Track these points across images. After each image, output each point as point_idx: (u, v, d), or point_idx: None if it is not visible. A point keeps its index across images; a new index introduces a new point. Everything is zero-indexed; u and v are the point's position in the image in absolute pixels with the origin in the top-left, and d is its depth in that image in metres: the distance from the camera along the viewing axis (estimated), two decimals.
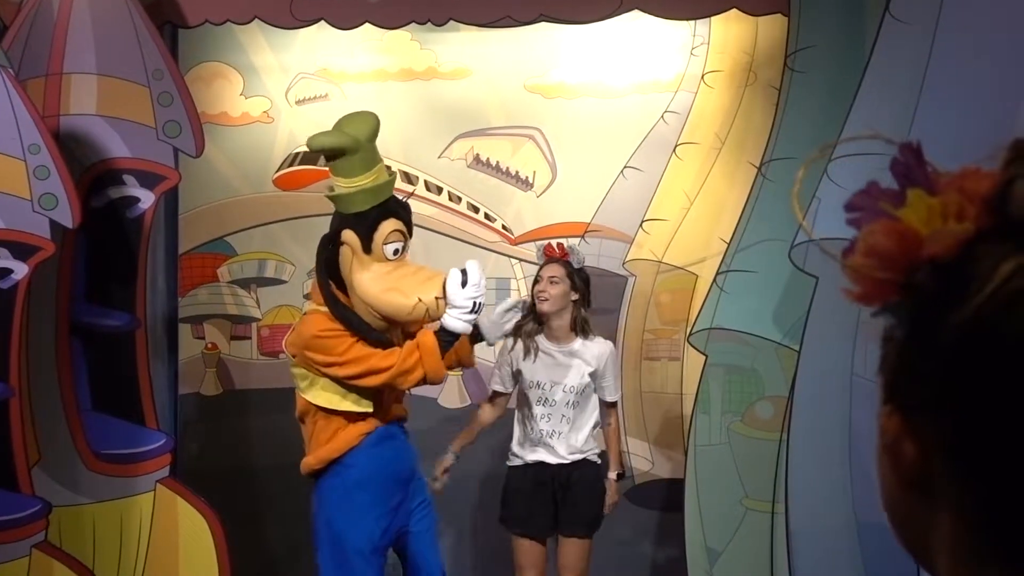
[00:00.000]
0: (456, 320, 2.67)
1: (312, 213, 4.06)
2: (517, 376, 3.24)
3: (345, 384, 2.70)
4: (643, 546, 3.91)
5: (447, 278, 2.65)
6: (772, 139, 3.37)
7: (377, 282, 2.64)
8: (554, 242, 3.27)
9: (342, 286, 2.70)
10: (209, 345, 4.09)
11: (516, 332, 3.15)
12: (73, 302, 3.46)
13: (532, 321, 3.18)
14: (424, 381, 2.71)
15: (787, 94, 3.36)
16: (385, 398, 2.78)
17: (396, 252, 2.67)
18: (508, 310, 2.93)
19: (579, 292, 3.16)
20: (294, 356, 2.76)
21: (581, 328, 3.19)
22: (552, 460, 3.19)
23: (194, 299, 4.08)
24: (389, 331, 2.72)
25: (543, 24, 3.58)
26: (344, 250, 2.67)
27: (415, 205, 4.05)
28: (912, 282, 0.53)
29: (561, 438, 3.18)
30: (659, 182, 3.88)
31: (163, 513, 3.50)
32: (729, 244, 3.44)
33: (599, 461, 3.26)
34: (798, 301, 3.21)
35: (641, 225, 3.89)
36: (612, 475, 3.26)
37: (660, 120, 3.89)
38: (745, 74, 3.78)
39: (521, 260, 4.01)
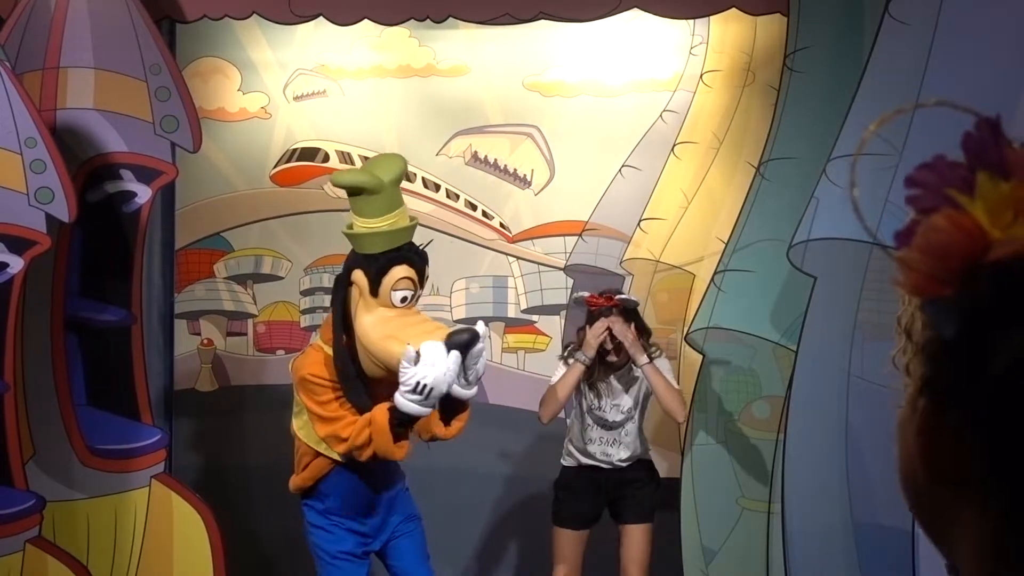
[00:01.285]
0: (404, 400, 2.45)
1: (309, 209, 4.05)
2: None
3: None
4: None
5: (405, 351, 2.43)
6: (770, 139, 3.37)
7: (377, 327, 2.55)
8: (596, 292, 3.24)
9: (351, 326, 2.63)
10: (205, 341, 4.08)
11: (588, 380, 3.23)
12: (68, 297, 3.45)
13: (598, 373, 3.25)
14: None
15: (786, 94, 3.35)
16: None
17: (404, 300, 2.59)
18: (475, 354, 2.53)
19: (641, 332, 3.23)
20: (296, 385, 2.74)
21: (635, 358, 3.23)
22: (606, 466, 3.29)
23: (190, 295, 4.07)
24: (381, 387, 2.59)
25: (542, 22, 3.58)
26: (353, 290, 2.61)
27: (413, 202, 4.06)
28: (969, 283, 0.50)
29: (617, 449, 3.28)
30: (657, 181, 3.87)
31: (158, 508, 3.49)
32: (727, 244, 3.43)
33: (649, 457, 3.38)
34: (796, 301, 3.21)
35: (639, 224, 3.89)
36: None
37: (658, 119, 3.89)
38: (744, 74, 3.77)
39: (519, 258, 4.01)
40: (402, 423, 2.51)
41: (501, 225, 4.02)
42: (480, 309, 3.97)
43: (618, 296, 3.21)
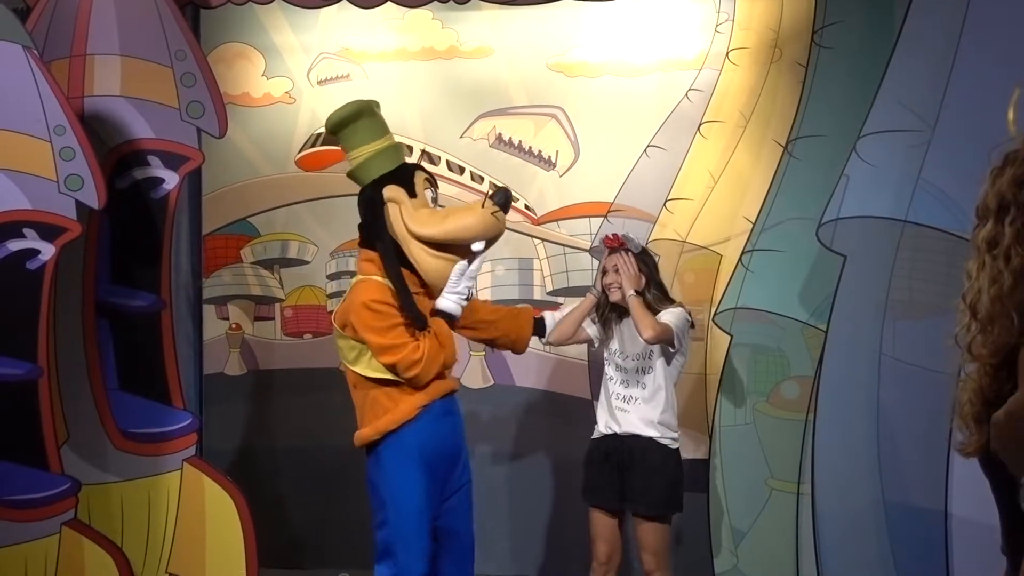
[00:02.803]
0: (451, 303, 2.73)
1: (334, 194, 4.06)
2: (599, 335, 3.29)
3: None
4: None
5: (458, 263, 2.71)
6: (798, 117, 3.33)
7: (434, 218, 2.71)
8: (610, 232, 3.29)
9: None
10: (233, 326, 4.11)
11: (600, 318, 3.26)
12: (99, 283, 3.49)
13: (608, 310, 3.24)
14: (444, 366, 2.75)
15: (814, 71, 3.31)
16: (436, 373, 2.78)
17: (434, 200, 2.77)
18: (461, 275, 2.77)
19: (644, 275, 3.19)
20: (343, 327, 2.74)
21: (650, 306, 3.17)
22: (620, 431, 3.15)
23: (218, 280, 4.10)
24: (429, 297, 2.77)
25: (565, 1, 3.55)
26: (390, 207, 2.70)
27: (439, 185, 4.05)
28: None
29: (635, 406, 3.15)
30: (683, 161, 3.84)
31: (190, 491, 3.54)
32: (754, 223, 3.40)
33: (674, 447, 3.16)
34: (825, 280, 3.18)
35: (665, 204, 3.86)
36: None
37: (684, 98, 3.85)
38: (770, 51, 3.72)
39: (544, 240, 4.00)
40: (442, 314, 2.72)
41: (526, 207, 4.01)
42: (505, 292, 3.96)
43: (623, 236, 3.24)
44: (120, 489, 3.50)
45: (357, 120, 2.73)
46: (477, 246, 2.74)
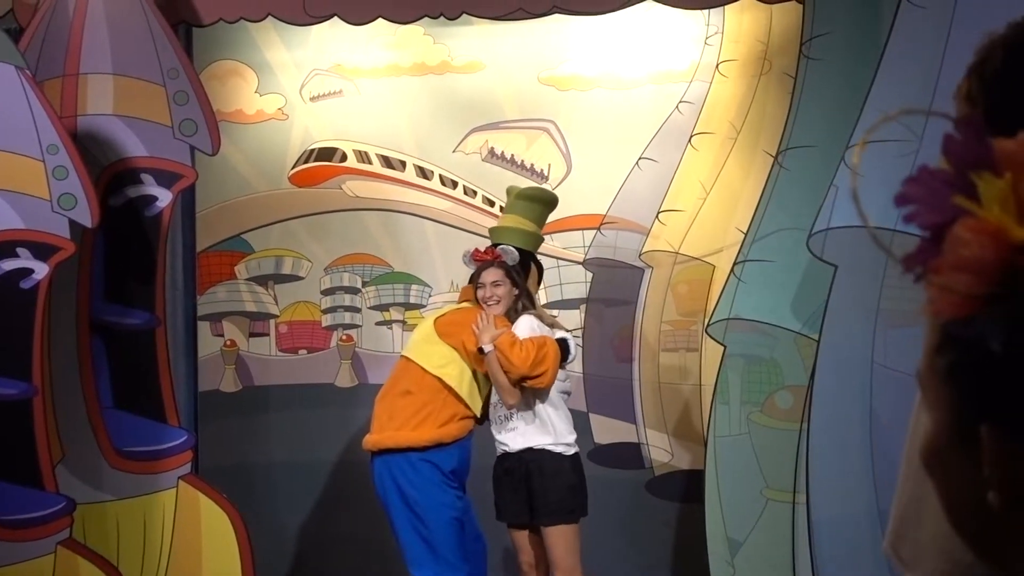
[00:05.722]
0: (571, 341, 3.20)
1: (328, 209, 4.08)
2: None
3: (478, 381, 3.12)
4: (663, 537, 3.90)
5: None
6: (788, 127, 3.35)
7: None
8: (481, 247, 3.28)
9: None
10: (228, 342, 4.11)
11: None
12: (93, 301, 3.49)
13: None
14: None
15: (803, 82, 3.33)
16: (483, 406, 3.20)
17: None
18: None
19: (519, 288, 3.20)
20: (444, 336, 3.10)
21: (515, 313, 3.18)
22: (511, 449, 3.15)
23: (212, 297, 4.10)
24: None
25: (556, 16, 3.57)
26: (532, 272, 3.28)
27: (431, 200, 4.07)
28: (1005, 292, 0.47)
29: (520, 427, 3.13)
30: (675, 173, 3.86)
31: (185, 509, 3.53)
32: (746, 234, 3.42)
33: (565, 453, 3.14)
34: (817, 290, 3.19)
35: (657, 216, 3.88)
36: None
37: (675, 110, 3.88)
38: (760, 63, 3.75)
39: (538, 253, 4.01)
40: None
41: None
42: None
43: (501, 249, 3.21)
44: (115, 508, 3.49)
45: (548, 207, 3.34)
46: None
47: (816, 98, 3.32)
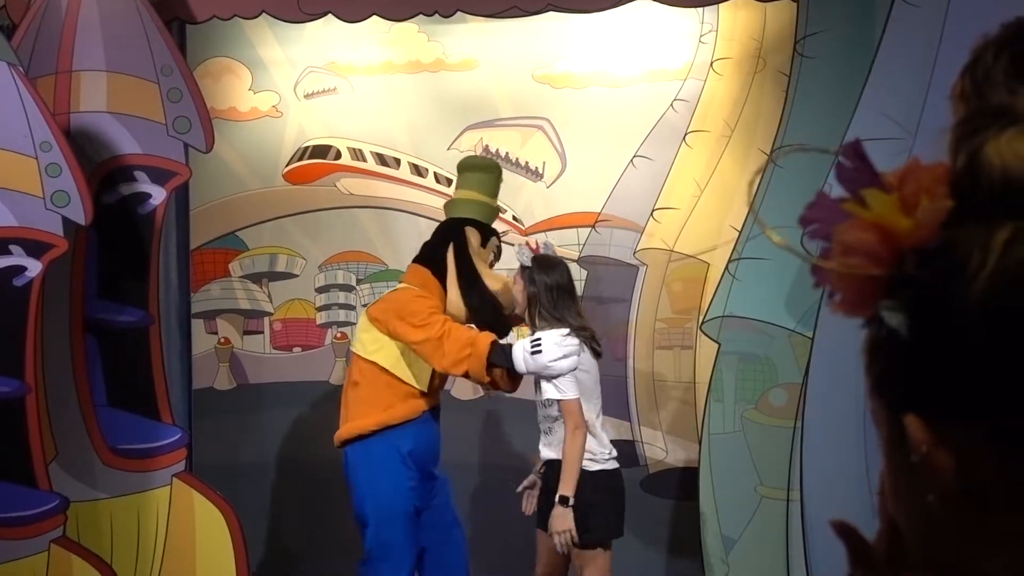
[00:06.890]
0: (522, 356, 2.85)
1: (322, 207, 4.07)
2: None
3: (412, 357, 2.97)
4: (658, 535, 3.91)
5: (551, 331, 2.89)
6: (782, 125, 3.35)
7: (494, 278, 3.10)
8: (532, 242, 3.14)
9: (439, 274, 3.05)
10: (222, 340, 4.11)
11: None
12: (87, 299, 3.48)
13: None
14: (466, 376, 2.97)
15: (797, 80, 3.34)
16: (436, 383, 3.06)
17: (490, 264, 3.13)
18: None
19: (535, 287, 2.94)
20: (376, 319, 3.00)
21: (533, 323, 2.96)
22: (544, 458, 3.02)
23: (206, 294, 4.09)
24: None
25: (551, 14, 3.57)
26: (470, 238, 3.07)
27: (425, 197, 4.07)
28: (901, 277, 0.49)
29: (549, 436, 2.99)
30: (669, 171, 3.86)
31: (179, 507, 3.52)
32: (740, 232, 3.42)
33: (593, 468, 2.91)
34: (811, 287, 3.19)
35: (652, 214, 3.88)
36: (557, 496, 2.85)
37: (669, 108, 3.88)
38: (754, 61, 3.76)
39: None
40: (496, 363, 2.87)
41: (514, 218, 4.02)
42: None
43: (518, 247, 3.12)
44: (109, 506, 3.48)
45: (482, 172, 3.11)
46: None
47: (810, 96, 3.33)
